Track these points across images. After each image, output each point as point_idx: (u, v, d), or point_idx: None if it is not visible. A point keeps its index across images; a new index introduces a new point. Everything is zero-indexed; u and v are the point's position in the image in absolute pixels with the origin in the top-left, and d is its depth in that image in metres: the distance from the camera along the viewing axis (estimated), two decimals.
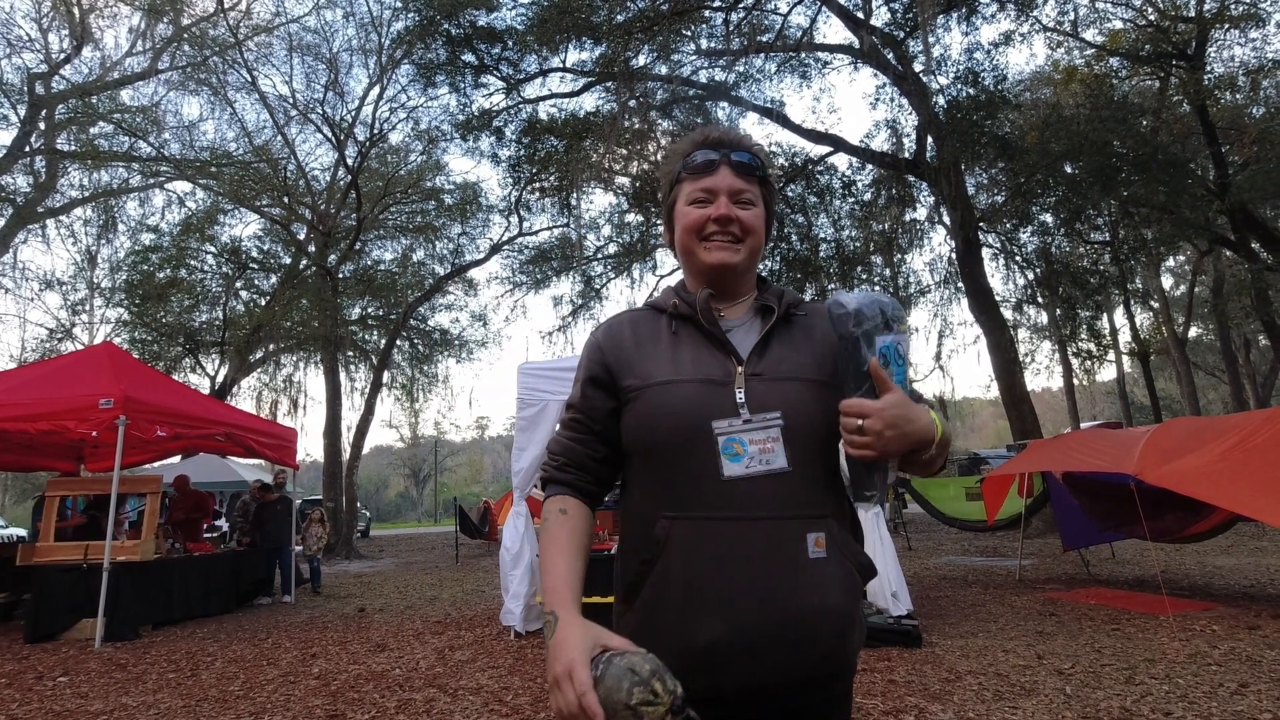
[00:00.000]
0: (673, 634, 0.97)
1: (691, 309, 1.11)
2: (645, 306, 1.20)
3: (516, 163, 16.21)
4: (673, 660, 0.95)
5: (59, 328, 18.00)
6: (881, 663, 4.43)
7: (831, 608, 0.98)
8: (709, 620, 0.95)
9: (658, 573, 1.00)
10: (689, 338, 1.10)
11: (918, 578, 8.28)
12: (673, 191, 1.17)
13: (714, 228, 1.10)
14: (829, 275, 17.29)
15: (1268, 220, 15.66)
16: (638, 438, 1.06)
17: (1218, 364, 27.66)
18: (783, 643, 0.95)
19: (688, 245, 1.13)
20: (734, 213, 1.10)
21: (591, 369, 1.13)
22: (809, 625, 0.96)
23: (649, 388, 1.05)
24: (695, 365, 1.06)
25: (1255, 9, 13.10)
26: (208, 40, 15.84)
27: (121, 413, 6.38)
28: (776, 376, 1.05)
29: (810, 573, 0.97)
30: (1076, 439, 7.20)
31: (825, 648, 0.98)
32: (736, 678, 0.95)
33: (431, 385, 22.23)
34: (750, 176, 1.12)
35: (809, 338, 1.12)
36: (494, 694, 4.13)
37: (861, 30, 13.79)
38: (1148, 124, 14.43)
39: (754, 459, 0.99)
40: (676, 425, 1.02)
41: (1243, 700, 3.43)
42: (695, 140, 1.15)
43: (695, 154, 1.13)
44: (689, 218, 1.12)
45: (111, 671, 5.09)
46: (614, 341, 1.14)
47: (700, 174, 1.12)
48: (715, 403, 1.02)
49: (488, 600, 8.13)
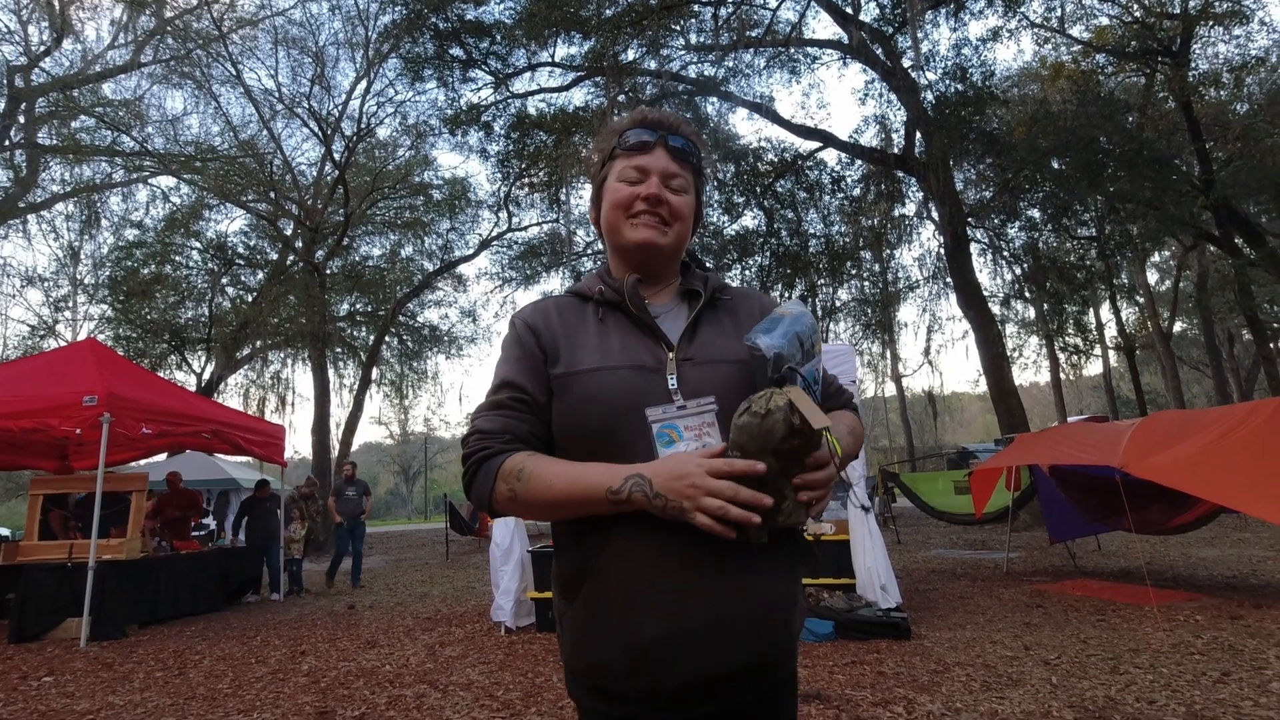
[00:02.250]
0: (616, 631, 0.94)
1: (619, 295, 1.08)
2: (568, 293, 1.16)
3: (505, 158, 16.15)
4: (618, 655, 0.94)
5: (41, 324, 17.79)
6: (871, 655, 4.46)
7: (773, 593, 0.97)
8: (651, 614, 0.92)
9: (596, 569, 0.97)
10: (617, 324, 1.07)
11: (906, 571, 8.34)
12: (605, 168, 1.13)
13: (643, 206, 1.07)
14: (818, 270, 17.35)
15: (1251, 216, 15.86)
16: (568, 426, 1.02)
17: (1202, 358, 27.99)
18: (726, 632, 0.93)
19: (614, 222, 1.10)
20: (665, 194, 1.07)
21: (529, 348, 1.07)
22: (751, 613, 0.95)
23: (578, 375, 1.02)
24: (624, 352, 1.03)
25: (1239, 6, 13.23)
26: (191, 33, 15.64)
27: (106, 410, 6.30)
28: (707, 360, 1.03)
29: (752, 560, 0.96)
30: (1063, 433, 7.26)
31: (769, 634, 0.97)
32: (682, 670, 0.93)
33: (421, 381, 22.19)
34: (684, 162, 1.10)
35: (736, 321, 1.11)
36: (485, 689, 4.12)
37: (850, 25, 13.81)
38: (1134, 120, 14.56)
39: (690, 445, 0.97)
40: (609, 413, 0.98)
41: (1225, 689, 3.48)
42: (633, 119, 1.12)
43: (631, 132, 1.10)
44: (618, 194, 1.09)
45: (98, 671, 5.04)
46: (544, 323, 1.09)
47: (635, 152, 1.09)
48: (647, 389, 0.99)
49: (478, 596, 8.12)
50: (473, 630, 6.02)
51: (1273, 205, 16.46)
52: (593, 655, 0.97)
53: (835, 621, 5.01)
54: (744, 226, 17.33)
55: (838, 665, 4.27)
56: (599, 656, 0.96)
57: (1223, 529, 10.73)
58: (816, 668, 4.24)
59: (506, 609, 5.83)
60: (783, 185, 16.76)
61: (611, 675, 0.96)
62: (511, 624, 5.80)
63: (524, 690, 4.05)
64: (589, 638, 0.97)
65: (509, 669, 4.57)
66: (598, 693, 0.98)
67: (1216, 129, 14.70)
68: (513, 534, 6.08)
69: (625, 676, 0.95)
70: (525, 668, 4.58)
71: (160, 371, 16.40)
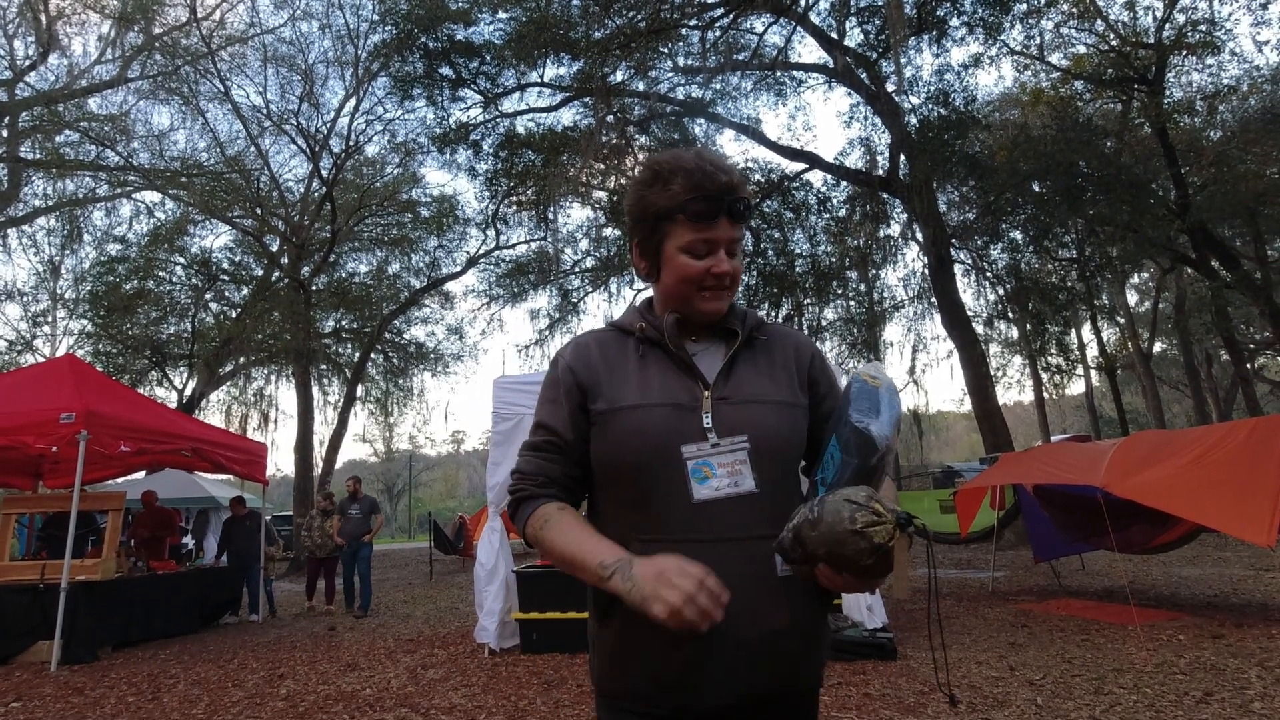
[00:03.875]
0: (649, 655, 0.99)
1: (659, 333, 1.11)
2: (610, 328, 1.19)
3: (494, 176, 16.21)
4: (649, 681, 0.99)
5: (19, 339, 17.52)
6: (856, 676, 4.43)
7: (800, 624, 1.02)
8: (684, 641, 0.95)
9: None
10: (656, 362, 1.10)
11: (892, 591, 8.31)
12: (660, 226, 1.08)
13: (713, 282, 1.08)
14: (805, 290, 17.48)
15: (1226, 240, 16.19)
16: (607, 461, 1.07)
17: (1181, 379, 28.38)
18: (754, 661, 0.98)
19: (684, 294, 1.10)
20: (733, 267, 1.08)
21: (566, 389, 1.11)
22: (779, 642, 0.99)
23: (618, 411, 1.06)
24: (663, 390, 1.06)
25: (1211, 37, 13.61)
26: (179, 49, 15.63)
27: (83, 427, 6.19)
28: (742, 399, 1.07)
29: (779, 590, 1.00)
30: (1047, 452, 7.32)
31: (794, 663, 1.01)
32: (711, 696, 0.98)
33: (406, 399, 22.01)
34: (743, 223, 1.10)
35: (771, 360, 1.14)
36: (467, 713, 4.06)
37: (835, 50, 14.06)
38: (1111, 145, 14.88)
39: (722, 481, 1.01)
40: (645, 449, 1.02)
41: (1207, 709, 3.49)
42: (695, 180, 1.05)
43: (698, 201, 1.04)
44: (689, 270, 1.07)
45: (68, 696, 4.91)
46: (584, 362, 1.12)
47: (701, 223, 1.05)
48: (683, 427, 1.03)
49: (462, 617, 8.01)
50: (456, 652, 5.93)
51: (1247, 229, 16.83)
52: (624, 679, 1.02)
53: None
54: None
55: (824, 686, 4.24)
56: (630, 681, 1.01)
57: (1204, 548, 10.82)
58: None
59: (491, 630, 5.76)
60: (769, 205, 16.92)
61: (641, 699, 1.01)
62: (496, 645, 5.72)
63: (507, 714, 3.99)
64: (621, 662, 1.02)
65: (492, 692, 4.50)
66: (626, 714, 1.03)
67: (1191, 154, 15.04)
68: (498, 554, 6.01)
69: (655, 700, 1.00)
70: (509, 690, 4.51)
71: (140, 388, 16.17)
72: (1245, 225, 16.59)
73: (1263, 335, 21.48)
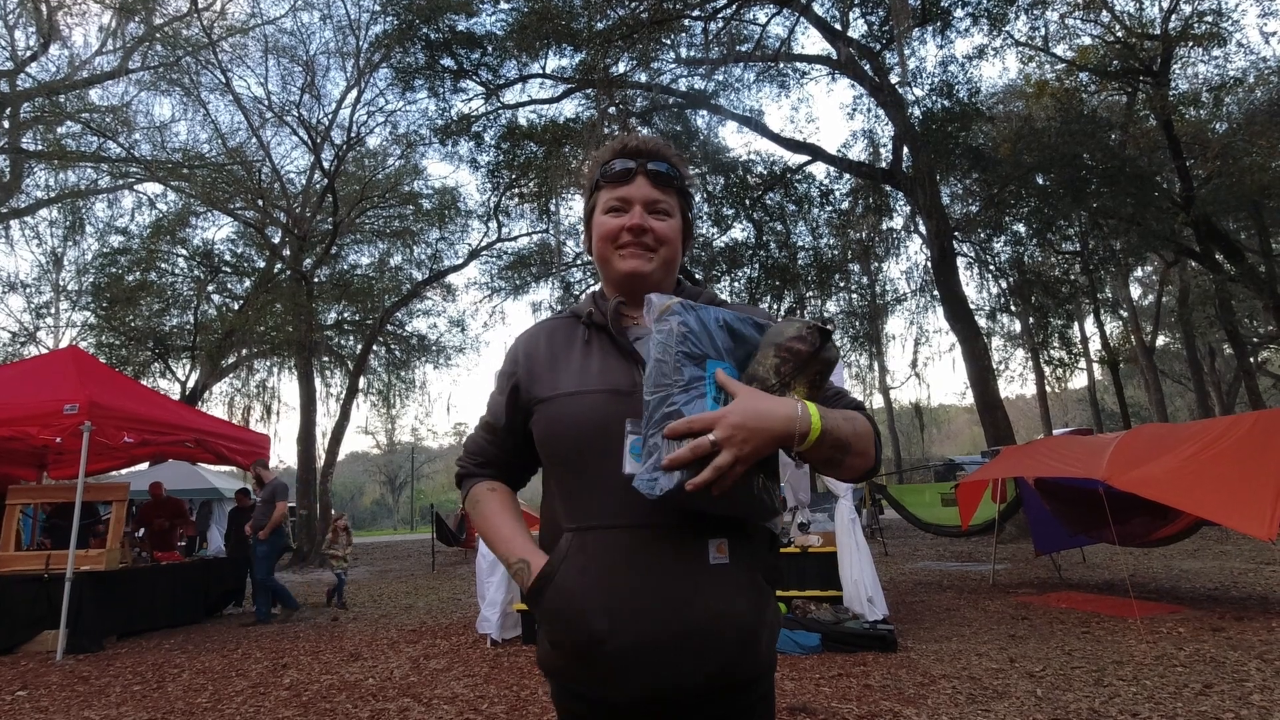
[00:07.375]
0: (576, 641, 0.98)
1: (605, 317, 1.11)
2: (567, 314, 1.21)
3: (495, 168, 16.18)
4: (575, 666, 1.00)
5: (22, 331, 17.55)
6: (857, 667, 4.45)
7: (733, 613, 0.98)
8: (609, 629, 0.95)
9: (557, 579, 1.00)
10: (600, 347, 1.11)
11: (893, 583, 8.35)
12: (592, 198, 1.17)
13: (628, 237, 1.10)
14: (807, 283, 17.46)
15: (1230, 233, 16.12)
16: (542, 446, 1.10)
17: (1184, 372, 28.34)
18: (682, 650, 0.94)
19: (603, 253, 1.13)
20: (648, 223, 1.10)
21: (506, 377, 1.17)
22: (709, 632, 0.95)
23: (556, 398, 1.07)
24: (602, 375, 1.07)
25: (1217, 28, 13.52)
26: (180, 40, 15.58)
27: (86, 418, 6.22)
28: None
29: (711, 579, 0.97)
30: (1048, 445, 7.32)
31: (727, 654, 0.97)
32: (638, 685, 0.95)
33: (408, 391, 22.06)
34: (667, 187, 1.12)
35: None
36: (469, 703, 4.08)
37: (839, 41, 13.99)
38: (1116, 138, 14.80)
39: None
40: (577, 435, 1.03)
41: (1207, 701, 3.50)
42: (614, 148, 1.14)
43: (613, 162, 1.12)
44: (604, 226, 1.12)
45: (73, 685, 4.94)
46: (528, 352, 1.15)
47: (617, 182, 1.12)
48: (619, 412, 1.02)
49: (464, 608, 8.05)
50: (458, 643, 5.96)
51: (1251, 222, 16.75)
52: (558, 661, 1.02)
53: (821, 634, 5.01)
54: (733, 239, 17.44)
55: (824, 678, 4.26)
56: (563, 663, 1.02)
57: (1205, 541, 10.83)
58: (803, 680, 4.23)
59: (492, 621, 5.78)
60: (772, 198, 16.88)
61: (577, 681, 1.01)
62: (497, 636, 5.75)
63: (509, 704, 4.02)
64: (553, 645, 1.03)
65: (494, 682, 4.53)
66: (566, 693, 1.04)
67: (1196, 147, 14.96)
68: None
69: (587, 684, 1.00)
70: (511, 681, 4.54)
71: (144, 380, 16.21)
72: (1250, 218, 16.51)
73: (1266, 329, 21.41)
